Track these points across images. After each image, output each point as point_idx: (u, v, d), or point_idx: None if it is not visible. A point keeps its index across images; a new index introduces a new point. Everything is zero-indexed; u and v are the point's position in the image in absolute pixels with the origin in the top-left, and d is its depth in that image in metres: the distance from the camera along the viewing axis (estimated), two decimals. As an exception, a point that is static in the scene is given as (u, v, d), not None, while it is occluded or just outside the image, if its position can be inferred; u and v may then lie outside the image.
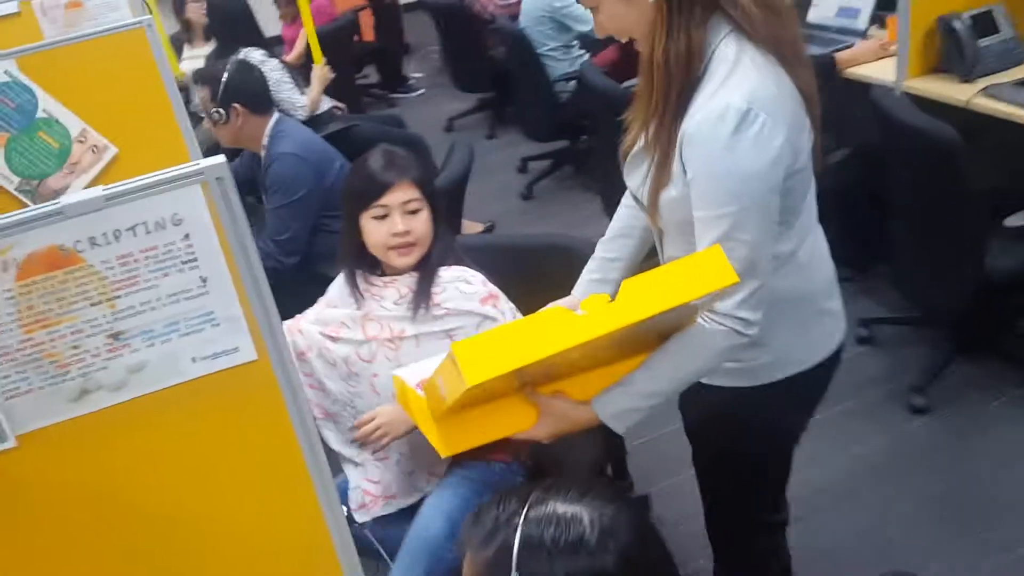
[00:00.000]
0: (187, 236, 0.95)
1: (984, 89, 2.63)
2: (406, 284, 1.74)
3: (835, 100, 3.29)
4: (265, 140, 2.75)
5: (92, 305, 0.94)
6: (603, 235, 1.59)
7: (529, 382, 1.28)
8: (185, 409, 1.02)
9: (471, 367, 1.07)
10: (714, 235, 1.20)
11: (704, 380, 1.44)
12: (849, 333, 2.88)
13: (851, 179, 3.35)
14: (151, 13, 3.89)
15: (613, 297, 1.15)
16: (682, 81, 1.19)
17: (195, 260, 0.96)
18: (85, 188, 1.98)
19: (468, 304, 1.72)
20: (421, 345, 1.69)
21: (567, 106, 4.16)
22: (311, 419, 1.08)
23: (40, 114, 1.85)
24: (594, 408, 1.30)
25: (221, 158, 0.94)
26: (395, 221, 1.69)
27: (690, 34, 1.18)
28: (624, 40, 1.28)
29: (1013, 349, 2.78)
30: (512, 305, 1.77)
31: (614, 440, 1.76)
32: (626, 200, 1.50)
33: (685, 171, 1.22)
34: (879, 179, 2.60)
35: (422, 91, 6.50)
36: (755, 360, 1.39)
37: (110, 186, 0.90)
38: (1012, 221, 2.48)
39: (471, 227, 4.20)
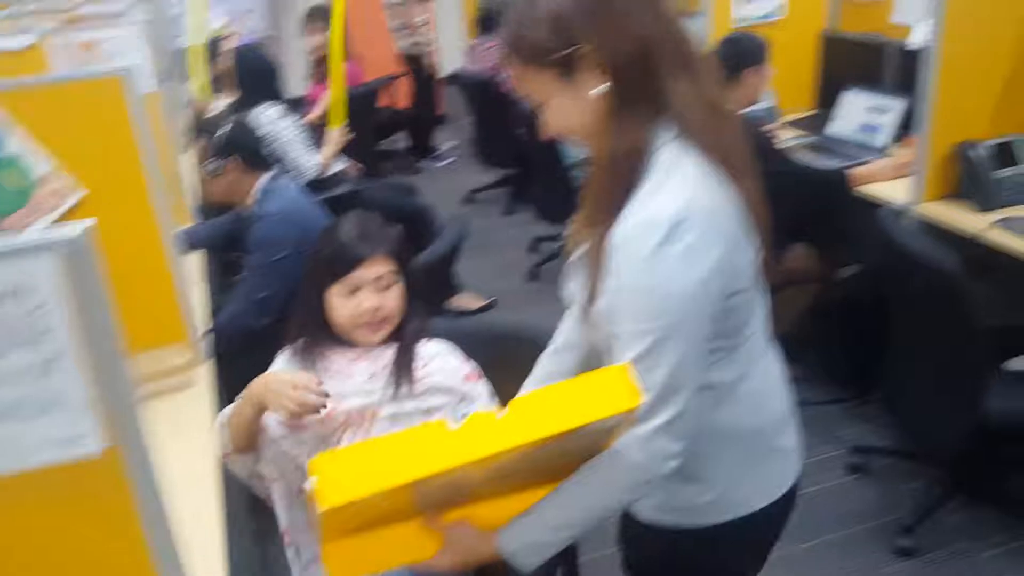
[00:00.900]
0: (34, 310, 0.86)
1: (1000, 221, 2.52)
2: (381, 358, 1.62)
3: (848, 215, 3.25)
4: (254, 197, 2.71)
5: (-81, 378, 0.85)
6: None
7: (432, 505, 1.16)
8: (20, 501, 0.92)
9: (329, 488, 0.96)
10: (631, 354, 1.10)
11: (643, 518, 1.32)
12: (841, 459, 2.78)
13: (859, 297, 3.24)
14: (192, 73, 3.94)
15: None
16: (624, 183, 1.11)
17: (42, 337, 0.87)
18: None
19: (451, 380, 1.63)
20: (397, 424, 1.58)
21: (580, 191, 4.10)
22: (168, 523, 0.98)
23: (6, 153, 1.82)
24: (499, 541, 1.19)
25: (88, 223, 0.86)
26: (366, 298, 1.58)
27: (635, 132, 1.10)
28: (572, 140, 1.20)
29: (1011, 497, 2.60)
30: (490, 387, 1.67)
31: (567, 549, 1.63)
32: (570, 310, 1.40)
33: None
34: (885, 300, 2.48)
35: (450, 160, 6.52)
36: (696, 498, 1.27)
37: (-50, 250, 0.82)
38: (1016, 365, 2.33)
39: (471, 301, 4.12)
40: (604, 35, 1.08)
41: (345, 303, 1.59)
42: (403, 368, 1.60)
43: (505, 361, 1.75)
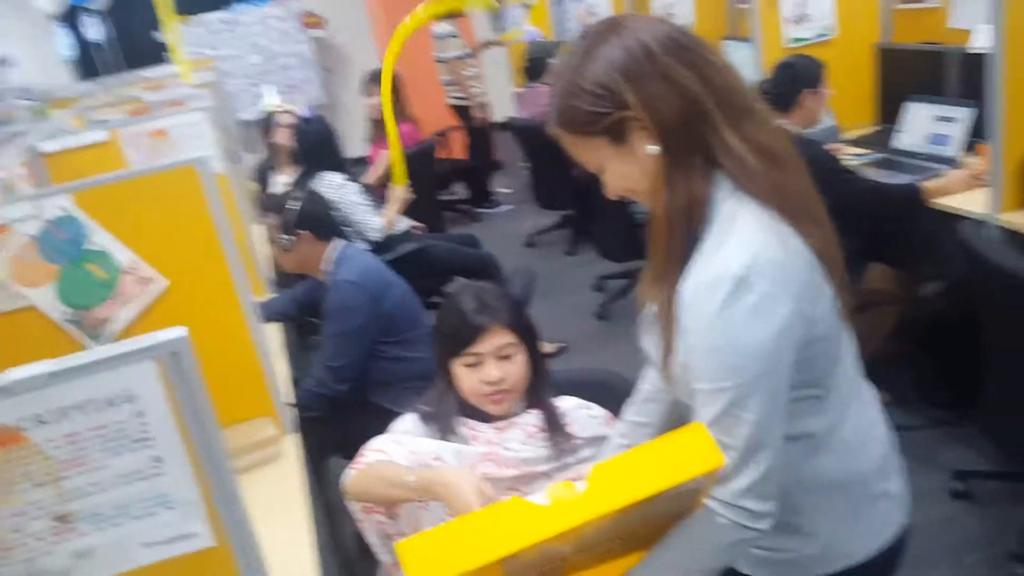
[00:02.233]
0: (140, 414, 0.88)
1: (1088, 225, 2.42)
2: (531, 423, 1.64)
3: (925, 230, 3.16)
4: (327, 266, 2.76)
5: (36, 486, 0.88)
6: None
7: None
8: (135, 599, 0.93)
9: (418, 569, 0.95)
10: (712, 412, 1.08)
11: (745, 571, 1.28)
12: (944, 486, 2.67)
13: (946, 314, 3.14)
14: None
15: None
16: (683, 237, 1.10)
17: (148, 439, 0.89)
18: (131, 319, 2.01)
19: (600, 429, 1.64)
20: (554, 480, 1.59)
21: (643, 228, 4.06)
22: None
23: (90, 246, 1.89)
24: None
25: (183, 330, 0.88)
26: (488, 369, 1.59)
27: (691, 187, 1.09)
28: (632, 199, 1.20)
29: None
30: None
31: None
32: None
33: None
34: (975, 316, 2.39)
35: (509, 207, 6.57)
36: (799, 551, 1.22)
37: (58, 361, 0.85)
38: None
39: (543, 348, 4.11)
40: (648, 98, 1.08)
41: (469, 375, 1.61)
42: (557, 429, 1.62)
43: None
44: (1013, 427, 2.36)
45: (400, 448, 1.60)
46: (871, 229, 2.93)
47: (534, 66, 5.54)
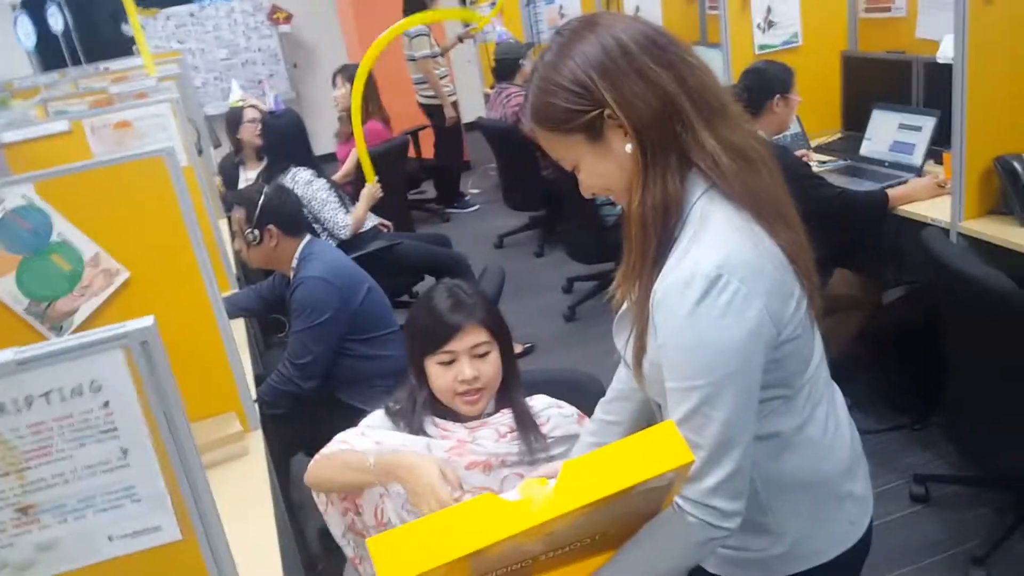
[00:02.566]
0: (106, 404, 0.86)
1: (1047, 234, 2.47)
2: (502, 422, 1.62)
3: (890, 237, 3.21)
4: (294, 262, 2.73)
5: (-3, 476, 0.86)
6: None
7: None
8: (99, 592, 0.91)
9: (388, 566, 0.94)
10: (682, 410, 1.08)
11: (712, 570, 1.28)
12: (904, 489, 2.71)
13: (909, 319, 3.19)
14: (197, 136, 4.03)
15: None
16: (658, 236, 1.10)
17: (115, 430, 0.87)
18: (94, 311, 1.97)
19: (571, 427, 1.64)
20: (525, 477, 1.57)
21: (612, 230, 4.10)
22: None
23: (54, 237, 1.85)
24: None
25: (150, 319, 0.86)
26: (463, 367, 1.58)
27: (666, 185, 1.09)
28: (612, 198, 1.20)
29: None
30: None
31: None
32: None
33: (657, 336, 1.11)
34: (938, 321, 2.44)
35: (477, 207, 6.56)
36: (767, 551, 1.23)
37: (23, 349, 0.83)
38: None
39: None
40: (624, 96, 1.08)
41: (443, 373, 1.59)
42: (528, 428, 1.61)
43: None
44: (974, 432, 2.41)
45: (365, 439, 1.59)
46: (839, 235, 2.97)
47: (503, 67, 5.54)
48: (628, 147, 1.10)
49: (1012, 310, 2.02)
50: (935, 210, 2.84)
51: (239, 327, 2.81)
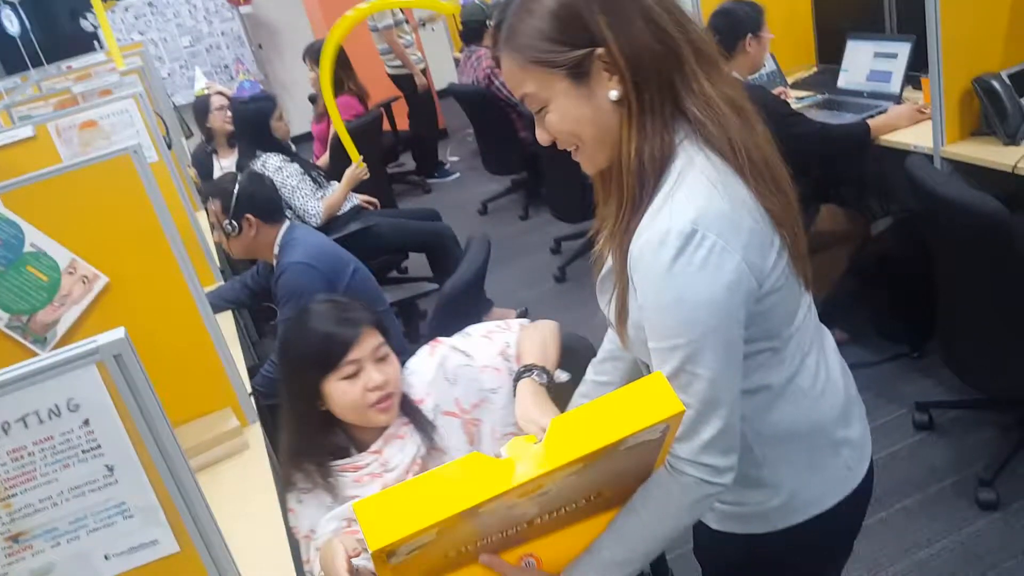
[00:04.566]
0: (86, 422, 0.84)
1: (1031, 151, 2.45)
2: (402, 433, 1.53)
3: (873, 168, 3.18)
4: (276, 249, 2.69)
5: (-17, 507, 0.83)
6: None
7: (493, 547, 1.13)
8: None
9: (376, 529, 0.93)
10: (667, 370, 1.05)
11: (713, 526, 1.27)
12: (906, 418, 2.72)
13: (898, 248, 3.17)
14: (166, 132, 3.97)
15: None
16: (654, 185, 1.04)
17: (98, 448, 0.85)
18: (77, 320, 1.94)
19: (438, 394, 1.56)
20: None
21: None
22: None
23: (28, 248, 1.82)
24: None
25: (120, 332, 0.84)
26: (371, 374, 1.49)
27: (662, 134, 1.04)
28: (569, 148, 1.12)
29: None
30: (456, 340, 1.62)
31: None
32: None
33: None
34: (926, 248, 2.42)
35: (457, 175, 6.50)
36: (765, 503, 1.21)
37: (-7, 375, 0.80)
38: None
39: (504, 314, 4.09)
40: (625, 35, 1.00)
41: (350, 388, 1.49)
42: (423, 426, 1.55)
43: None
44: (970, 355, 2.41)
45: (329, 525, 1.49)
46: (821, 171, 2.94)
47: (470, 30, 5.45)
48: (613, 94, 1.03)
49: (1001, 230, 2.01)
50: (917, 137, 2.81)
51: (227, 320, 2.78)
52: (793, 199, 1.12)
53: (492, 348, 1.61)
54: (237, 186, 2.68)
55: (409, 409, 1.57)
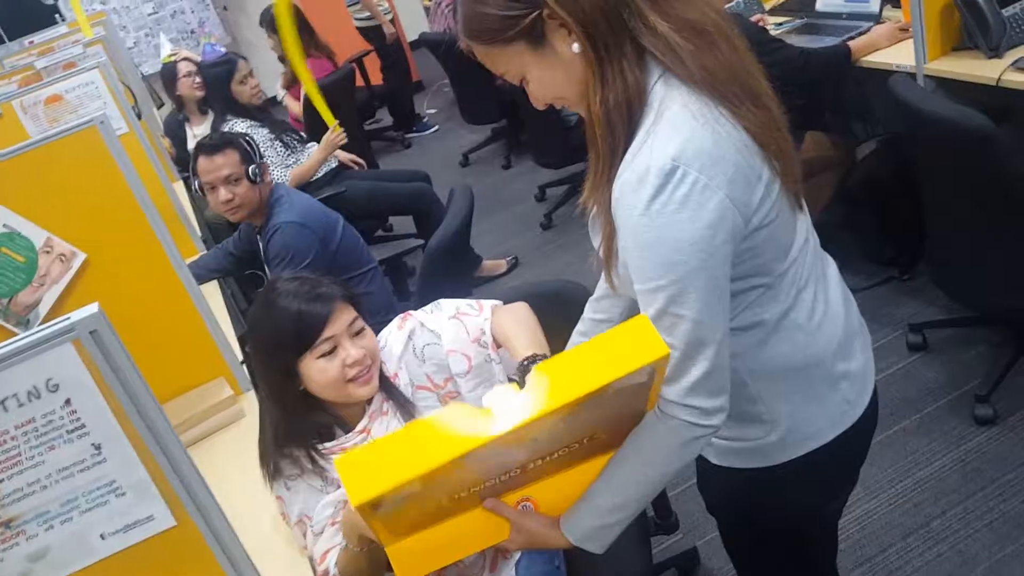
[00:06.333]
0: (68, 401, 0.82)
1: (1015, 63, 2.41)
2: (380, 403, 1.53)
3: (856, 90, 3.14)
4: (267, 208, 2.65)
5: (-30, 495, 0.82)
6: None
7: (491, 491, 1.12)
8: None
9: (358, 484, 0.91)
10: (651, 311, 1.03)
11: (713, 460, 1.27)
12: (901, 340, 2.72)
13: (884, 171, 3.15)
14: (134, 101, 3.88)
15: None
16: (626, 133, 1.02)
17: (83, 427, 0.83)
18: (58, 298, 1.90)
19: (410, 360, 1.56)
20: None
21: (576, 130, 4.01)
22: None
23: (1, 229, 1.77)
24: (564, 532, 1.16)
25: (94, 307, 0.81)
26: (348, 349, 1.46)
27: (625, 77, 1.01)
28: (561, 107, 1.11)
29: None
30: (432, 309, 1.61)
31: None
32: None
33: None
34: (912, 169, 2.40)
35: (436, 128, 6.41)
36: (763, 439, 1.20)
37: (-34, 360, 0.78)
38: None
39: (495, 266, 4.06)
40: None
41: (328, 365, 1.45)
42: (399, 400, 1.53)
43: (549, 322, 1.69)
44: (959, 274, 2.40)
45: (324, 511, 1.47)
46: (803, 97, 2.89)
47: (439, -24, 5.33)
48: (575, 47, 1.02)
49: (987, 144, 1.98)
50: (899, 56, 2.76)
51: (213, 289, 2.75)
52: (777, 112, 1.08)
53: (461, 332, 1.56)
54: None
55: (386, 385, 1.55)
